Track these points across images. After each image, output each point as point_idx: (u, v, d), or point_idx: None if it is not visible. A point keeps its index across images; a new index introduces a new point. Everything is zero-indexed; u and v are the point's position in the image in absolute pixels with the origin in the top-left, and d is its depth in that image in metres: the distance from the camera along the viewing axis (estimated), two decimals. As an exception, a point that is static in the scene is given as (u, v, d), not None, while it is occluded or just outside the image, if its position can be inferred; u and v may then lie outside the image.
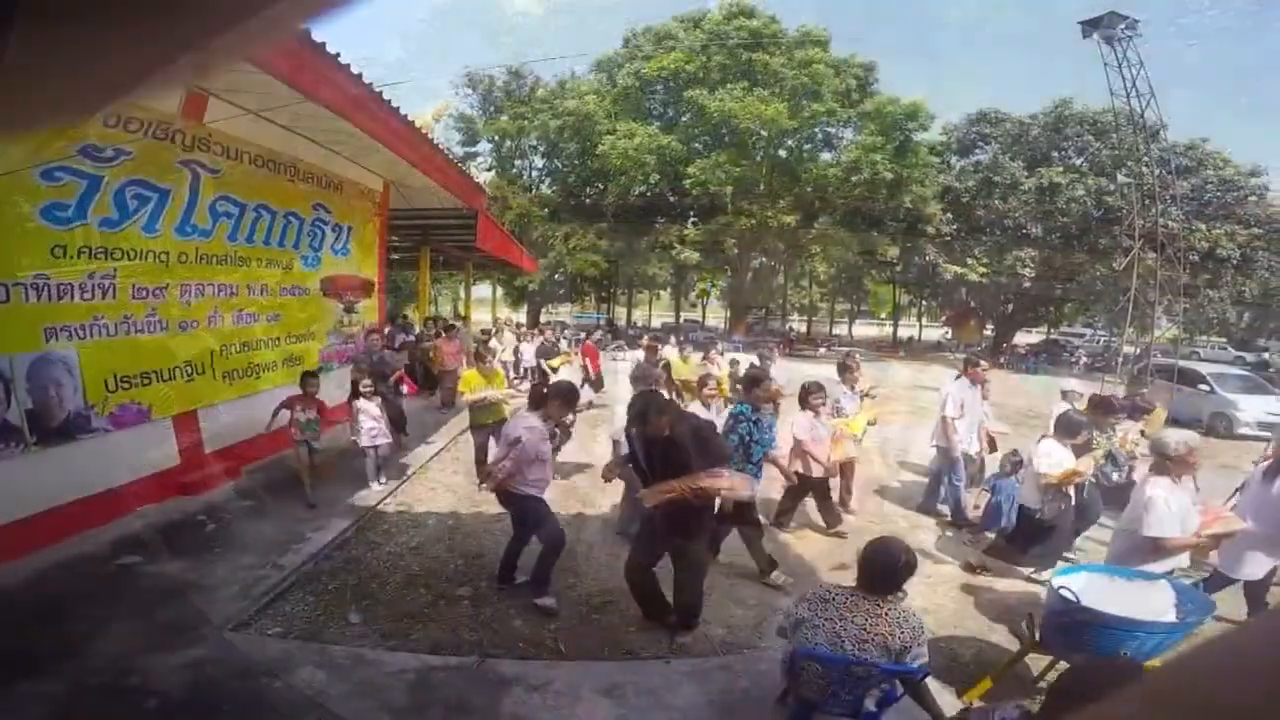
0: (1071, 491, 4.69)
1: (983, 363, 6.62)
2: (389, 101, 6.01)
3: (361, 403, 6.20)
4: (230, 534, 5.03)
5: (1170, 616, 3.15)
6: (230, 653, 3.48)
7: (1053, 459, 4.58)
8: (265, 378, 7.03)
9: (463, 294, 22.61)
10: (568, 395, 4.50)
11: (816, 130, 25.68)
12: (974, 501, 6.17)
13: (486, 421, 6.39)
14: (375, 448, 6.25)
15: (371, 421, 6.16)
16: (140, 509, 5.20)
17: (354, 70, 5.15)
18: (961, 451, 6.14)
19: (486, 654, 3.61)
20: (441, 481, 6.84)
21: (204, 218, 5.98)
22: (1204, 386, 13.23)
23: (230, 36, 0.26)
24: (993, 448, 6.66)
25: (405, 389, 7.91)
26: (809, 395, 5.61)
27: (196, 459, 5.97)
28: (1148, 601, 3.22)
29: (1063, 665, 3.50)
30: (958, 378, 6.51)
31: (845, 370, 6.82)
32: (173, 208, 5.59)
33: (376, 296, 9.77)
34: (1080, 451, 4.80)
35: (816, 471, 5.50)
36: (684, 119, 26.48)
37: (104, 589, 4.05)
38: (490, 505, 6.08)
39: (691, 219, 27.61)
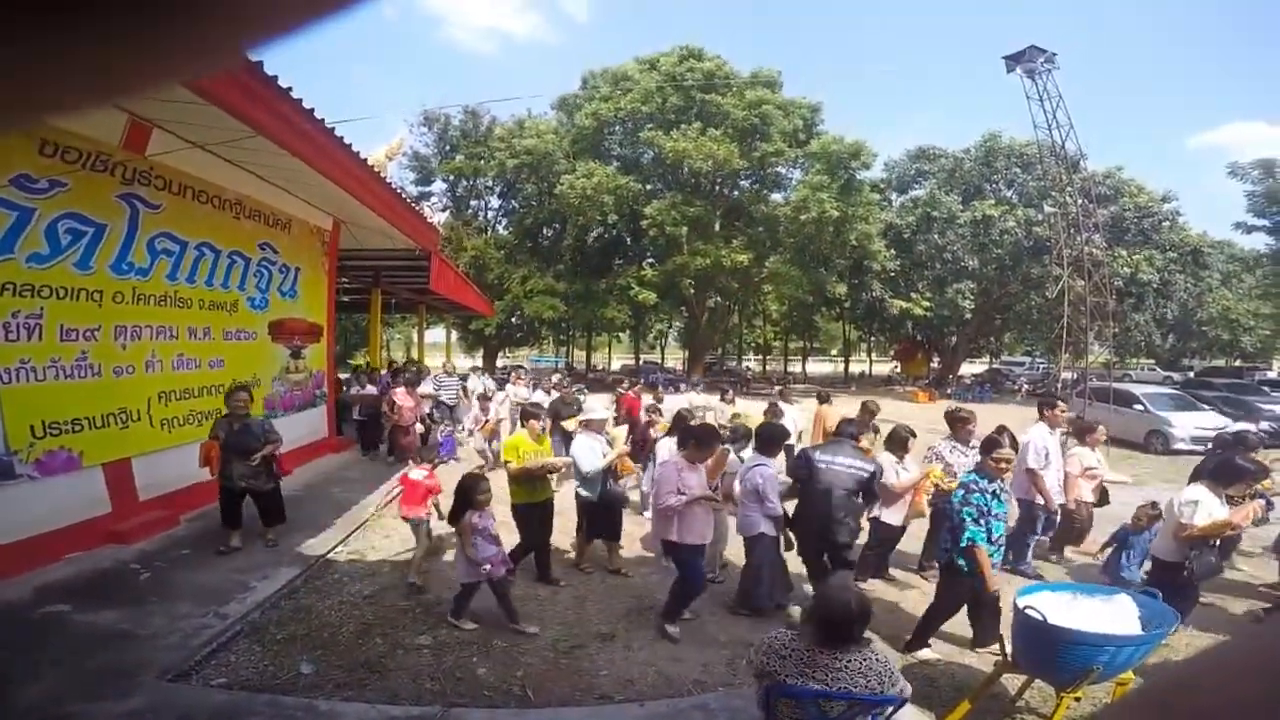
0: (1217, 543, 4.27)
1: (1060, 404, 6.18)
2: (341, 137, 5.92)
3: (476, 518, 4.27)
4: (168, 583, 4.71)
5: (1136, 629, 3.18)
6: (170, 703, 3.23)
7: (1201, 508, 4.02)
8: (206, 425, 6.66)
9: (415, 338, 22.15)
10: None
11: (766, 170, 26.44)
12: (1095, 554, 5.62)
13: (542, 499, 5.19)
14: (501, 579, 4.38)
15: (492, 547, 4.32)
16: (68, 557, 4.87)
17: (305, 104, 5.06)
18: (1055, 506, 5.68)
19: (451, 703, 3.41)
20: (394, 529, 6.51)
21: (142, 255, 5.75)
22: (1139, 407, 13.87)
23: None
24: (1104, 499, 6.16)
25: (278, 469, 5.81)
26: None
27: (130, 507, 5.64)
28: (1112, 616, 3.24)
29: (1039, 684, 3.51)
30: (1037, 422, 5.96)
31: (957, 423, 5.68)
32: (108, 244, 5.36)
33: (325, 341, 9.48)
34: (1234, 501, 4.28)
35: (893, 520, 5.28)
36: (643, 159, 26.81)
37: (27, 637, 3.75)
38: (446, 553, 5.82)
39: (648, 259, 27.85)
